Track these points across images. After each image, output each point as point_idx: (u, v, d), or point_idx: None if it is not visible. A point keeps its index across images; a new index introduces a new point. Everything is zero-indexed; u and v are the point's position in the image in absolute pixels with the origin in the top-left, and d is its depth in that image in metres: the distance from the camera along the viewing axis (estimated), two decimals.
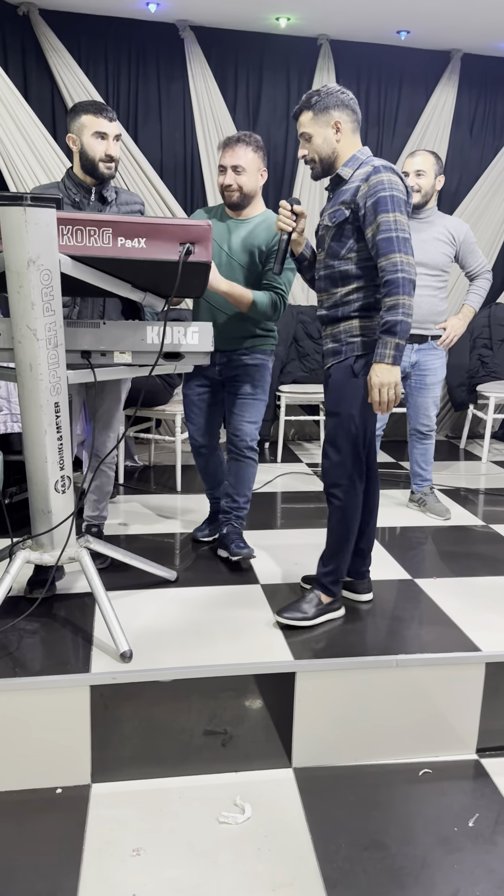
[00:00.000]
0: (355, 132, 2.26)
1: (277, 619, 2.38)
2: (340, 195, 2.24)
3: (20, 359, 2.01)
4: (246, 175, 2.70)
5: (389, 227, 2.11)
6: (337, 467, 2.33)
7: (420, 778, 2.18)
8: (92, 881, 1.77)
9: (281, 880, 1.80)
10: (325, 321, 2.35)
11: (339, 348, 2.30)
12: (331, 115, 2.20)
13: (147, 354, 2.27)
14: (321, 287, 2.34)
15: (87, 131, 2.55)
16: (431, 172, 3.27)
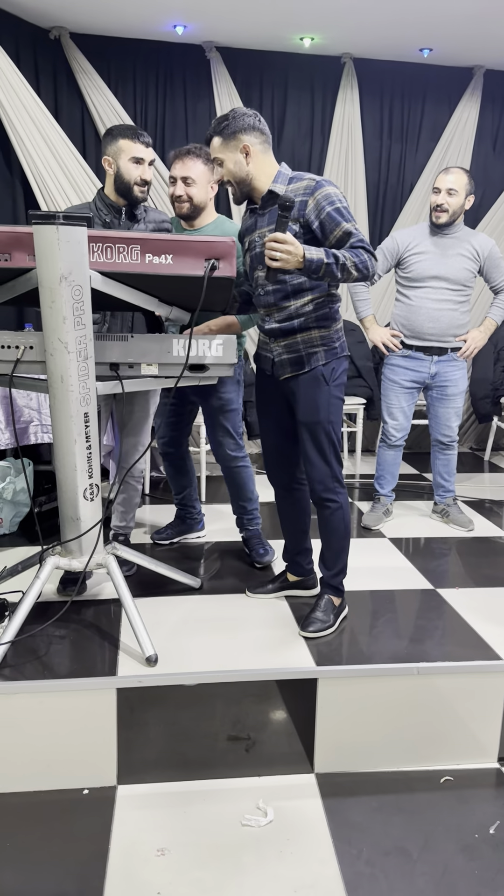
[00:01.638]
0: (266, 152, 2.28)
1: (303, 635, 2.42)
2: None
3: (52, 371, 2.09)
4: (196, 187, 2.75)
5: (353, 232, 2.19)
6: (325, 474, 2.41)
7: (441, 785, 2.20)
8: (118, 879, 1.82)
9: (302, 882, 1.83)
10: (276, 334, 2.37)
11: (301, 359, 2.35)
12: (239, 139, 2.23)
13: (173, 366, 2.33)
14: (269, 302, 2.34)
15: (125, 156, 2.62)
16: (463, 192, 3.30)
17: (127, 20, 4.33)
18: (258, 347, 2.52)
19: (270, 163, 2.29)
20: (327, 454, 2.39)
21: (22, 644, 2.30)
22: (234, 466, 3.02)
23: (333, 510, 2.44)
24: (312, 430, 2.38)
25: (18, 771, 2.12)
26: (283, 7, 4.10)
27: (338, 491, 2.43)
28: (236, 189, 2.29)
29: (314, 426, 2.37)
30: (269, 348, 2.42)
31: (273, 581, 2.74)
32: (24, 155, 4.25)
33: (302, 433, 2.40)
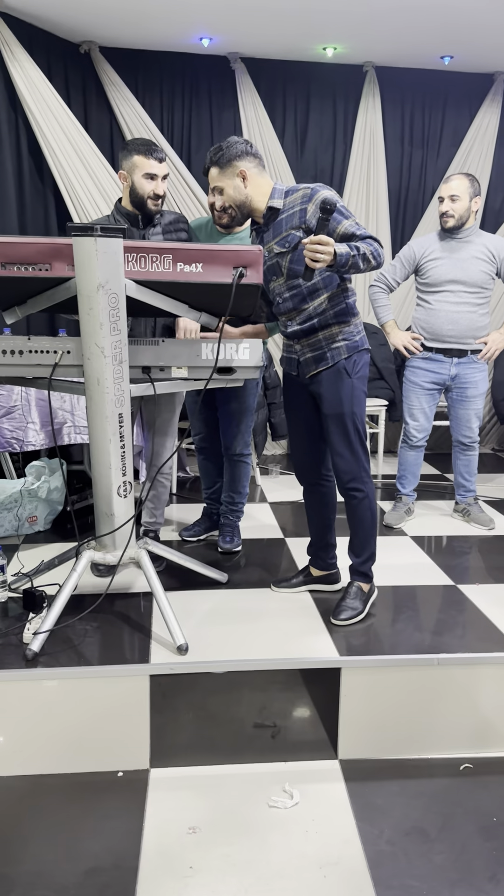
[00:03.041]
0: (261, 174, 2.42)
1: (335, 623, 2.53)
2: (283, 223, 2.39)
3: (88, 374, 2.21)
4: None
5: (356, 226, 2.35)
6: (353, 464, 2.53)
7: (461, 772, 2.28)
8: (152, 854, 1.93)
9: (327, 859, 1.92)
10: (298, 335, 2.50)
11: (324, 355, 2.47)
12: (234, 165, 2.37)
13: (202, 369, 2.44)
14: (288, 307, 2.47)
15: (138, 171, 2.73)
16: (466, 196, 3.39)
17: (154, 34, 4.46)
18: (284, 351, 2.64)
19: (266, 183, 2.43)
20: (354, 445, 2.51)
21: (59, 633, 2.42)
22: (239, 460, 3.24)
23: (360, 500, 2.56)
24: (339, 422, 2.49)
25: (56, 754, 2.23)
26: (307, 18, 4.20)
27: (365, 480, 2.55)
28: (237, 212, 2.44)
29: (340, 418, 2.49)
30: (294, 350, 2.54)
31: (297, 576, 2.84)
32: (56, 166, 4.40)
33: (329, 426, 2.51)
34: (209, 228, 3.06)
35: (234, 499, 3.29)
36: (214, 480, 3.40)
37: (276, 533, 3.57)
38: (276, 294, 2.48)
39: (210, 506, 3.45)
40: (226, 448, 3.21)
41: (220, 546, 3.27)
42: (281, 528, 3.64)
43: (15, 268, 2.10)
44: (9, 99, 4.22)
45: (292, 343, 2.55)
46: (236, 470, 3.24)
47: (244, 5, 4.03)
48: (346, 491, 2.57)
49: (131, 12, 4.13)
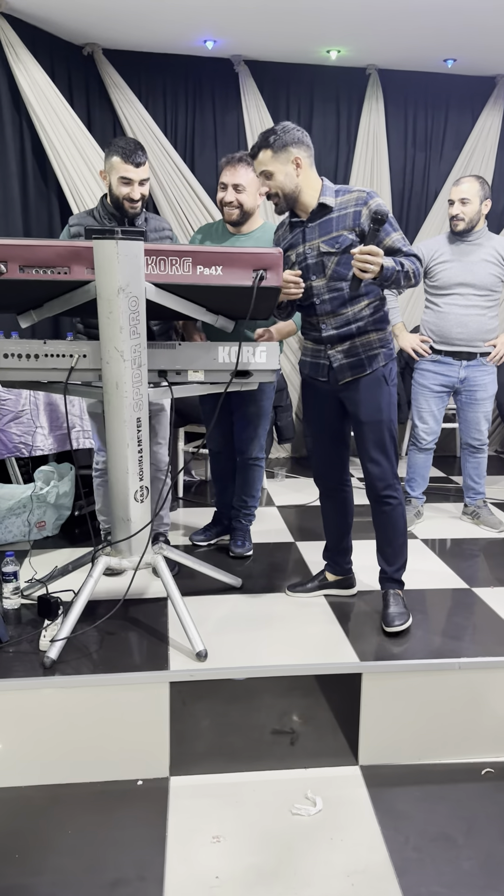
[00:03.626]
0: (312, 166, 2.38)
1: (392, 630, 2.49)
2: (334, 223, 2.35)
3: (107, 378, 2.19)
4: (246, 193, 2.85)
5: (403, 241, 2.37)
6: (388, 471, 2.51)
7: (483, 777, 2.26)
8: (177, 864, 1.90)
9: (354, 868, 1.90)
10: (333, 340, 2.45)
11: (361, 362, 2.44)
12: (290, 152, 2.31)
13: (218, 373, 2.42)
14: (326, 310, 2.42)
15: (115, 174, 2.67)
16: (476, 199, 3.38)
17: (158, 36, 4.44)
18: (306, 356, 2.59)
19: (315, 176, 2.39)
20: (389, 452, 2.50)
21: (75, 640, 2.39)
22: (253, 464, 3.21)
23: (395, 506, 2.54)
24: (376, 430, 2.47)
25: (74, 763, 2.21)
26: (310, 21, 4.20)
27: (397, 487, 2.53)
28: (282, 201, 2.37)
29: (378, 425, 2.47)
30: (324, 355, 2.49)
31: (312, 580, 2.83)
32: (60, 167, 4.38)
33: (365, 433, 2.48)
34: (219, 230, 3.03)
35: (246, 502, 3.27)
36: (227, 485, 3.37)
37: (286, 537, 3.55)
38: (315, 294, 2.42)
39: (221, 510, 3.42)
40: (241, 452, 3.19)
41: (232, 550, 3.24)
42: (290, 532, 3.62)
43: (33, 271, 2.07)
44: (13, 101, 4.19)
45: (322, 348, 2.49)
46: (250, 473, 3.22)
47: (248, 8, 4.02)
48: (381, 498, 2.53)
49: (134, 15, 4.11)
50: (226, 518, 3.41)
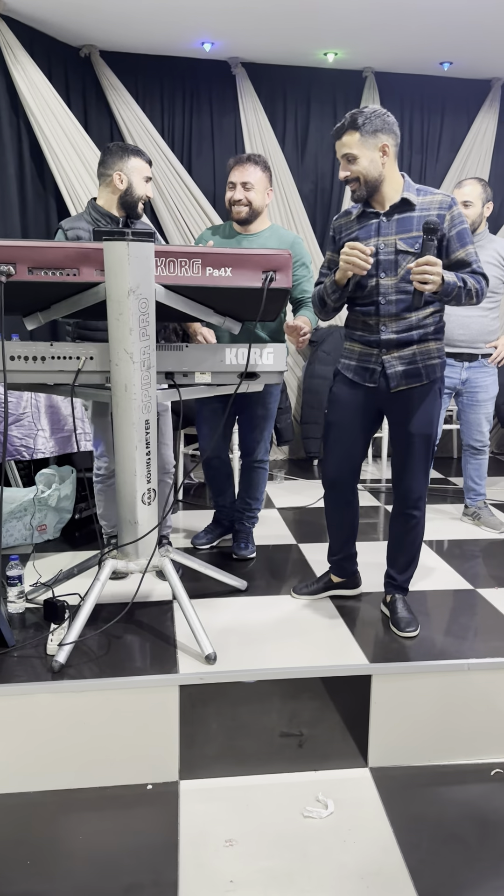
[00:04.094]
0: (395, 157, 2.30)
1: (407, 636, 2.47)
2: (415, 222, 2.27)
3: (116, 380, 2.18)
4: (254, 191, 2.87)
5: (475, 257, 2.32)
6: (423, 486, 2.47)
7: (492, 777, 2.27)
8: (191, 869, 1.89)
9: (368, 869, 1.90)
10: (392, 344, 2.36)
11: (418, 370, 2.37)
12: (378, 138, 2.21)
13: (225, 374, 2.41)
14: (389, 311, 2.33)
15: (138, 174, 2.75)
16: (479, 202, 3.40)
17: (155, 38, 4.44)
18: (349, 358, 2.47)
19: (397, 169, 2.31)
20: (429, 466, 2.46)
21: (82, 644, 2.37)
22: (258, 466, 3.21)
23: (419, 520, 2.51)
24: (423, 443, 2.40)
25: (84, 767, 2.19)
26: (307, 24, 4.20)
27: (424, 497, 2.50)
28: (362, 188, 2.27)
29: (426, 439, 2.40)
30: (376, 360, 2.39)
31: (317, 582, 2.82)
32: (58, 168, 4.36)
33: (410, 446, 2.40)
34: (227, 229, 3.03)
35: (250, 505, 3.26)
36: (225, 488, 3.35)
37: (287, 539, 3.55)
38: (381, 293, 2.30)
39: (221, 512, 3.41)
40: (246, 454, 3.18)
41: (235, 552, 3.23)
42: (292, 534, 3.62)
43: (42, 272, 2.06)
44: (10, 102, 4.17)
45: (375, 351, 2.38)
46: (255, 476, 3.21)
47: (245, 10, 4.02)
48: (409, 510, 2.48)
49: (132, 17, 4.10)
50: (226, 519, 3.40)
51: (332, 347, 5.01)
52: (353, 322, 2.45)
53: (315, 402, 4.94)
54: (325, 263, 2.50)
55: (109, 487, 3.04)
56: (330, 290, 2.35)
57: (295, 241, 3.00)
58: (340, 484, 2.60)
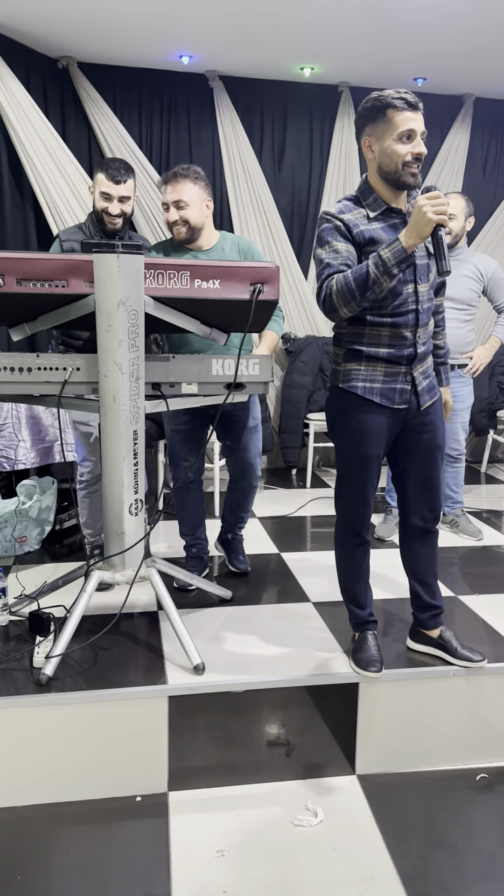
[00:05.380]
0: None
1: (480, 664, 2.32)
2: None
3: (104, 391, 2.18)
4: (190, 209, 2.67)
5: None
6: (440, 500, 2.35)
7: (478, 782, 2.30)
8: (183, 880, 1.89)
9: (360, 877, 1.91)
10: (422, 358, 2.20)
11: (433, 383, 2.27)
12: None
13: (212, 385, 2.43)
14: (424, 321, 2.16)
15: (97, 189, 2.78)
16: (462, 215, 3.46)
17: (133, 50, 4.46)
18: (372, 381, 2.17)
19: None
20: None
21: (70, 657, 2.36)
22: (255, 486, 3.06)
23: (437, 535, 2.37)
24: (440, 455, 2.29)
25: (72, 780, 2.18)
26: (284, 39, 4.26)
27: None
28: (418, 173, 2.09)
29: (442, 450, 2.29)
30: (404, 377, 2.18)
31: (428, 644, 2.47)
32: (37, 179, 4.35)
33: (435, 459, 2.28)
34: (176, 247, 2.80)
35: (242, 518, 3.16)
36: (203, 517, 3.12)
37: (269, 548, 3.56)
38: (418, 301, 2.13)
39: (199, 546, 3.13)
40: (245, 473, 3.00)
41: (236, 566, 3.14)
42: (273, 542, 3.64)
43: (31, 284, 2.06)
44: None
45: (403, 369, 2.17)
46: (249, 494, 3.08)
47: (223, 25, 4.06)
48: (429, 530, 2.34)
49: (110, 29, 4.12)
50: (203, 551, 3.14)
51: (309, 357, 5.05)
52: (375, 337, 2.14)
53: (293, 411, 4.97)
54: (335, 253, 2.08)
55: (94, 493, 3.04)
56: (392, 261, 1.97)
57: (251, 246, 2.85)
58: (365, 527, 2.32)
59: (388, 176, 2.07)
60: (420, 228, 1.94)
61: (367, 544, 2.35)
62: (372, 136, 2.06)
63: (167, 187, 2.69)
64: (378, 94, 2.04)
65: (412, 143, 2.03)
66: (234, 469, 3.02)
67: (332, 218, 2.10)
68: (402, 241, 1.96)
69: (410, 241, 1.96)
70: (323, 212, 2.13)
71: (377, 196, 2.12)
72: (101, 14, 3.92)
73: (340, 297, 2.03)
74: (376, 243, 2.08)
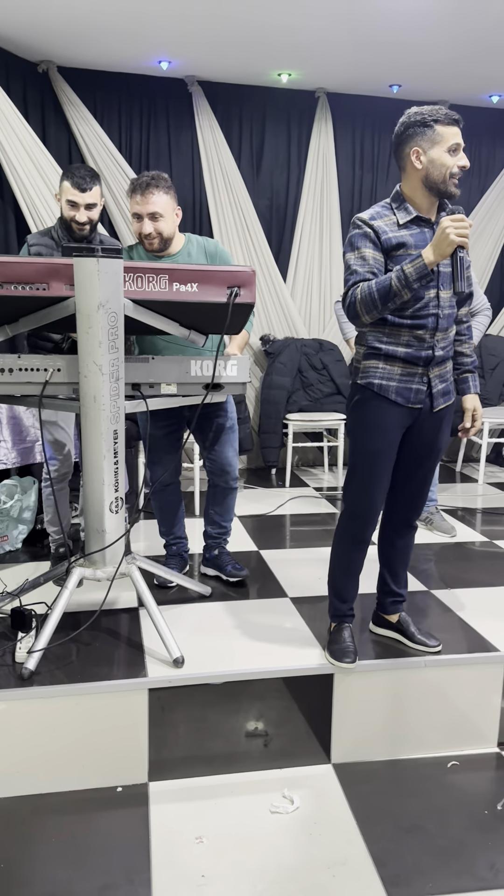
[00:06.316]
0: None
1: (435, 650, 2.46)
2: None
3: (85, 391, 2.23)
4: (164, 220, 2.64)
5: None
6: (426, 496, 2.48)
7: (449, 770, 2.38)
8: (163, 865, 1.95)
9: (334, 860, 1.98)
10: (439, 361, 2.28)
11: (449, 388, 2.34)
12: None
13: (191, 385, 2.49)
14: (443, 326, 2.24)
15: (64, 196, 2.81)
16: None
17: (113, 56, 4.51)
18: (389, 379, 2.25)
19: None
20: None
21: (52, 652, 2.41)
22: (235, 486, 3.09)
23: (416, 529, 2.53)
24: (439, 457, 2.41)
25: (54, 772, 2.23)
26: (262, 45, 4.33)
27: None
28: (456, 183, 2.18)
29: (441, 452, 2.41)
30: (421, 379, 2.26)
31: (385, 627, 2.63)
32: (17, 183, 4.39)
33: (434, 461, 2.40)
34: (143, 254, 2.80)
35: (227, 528, 3.15)
36: (181, 515, 3.16)
37: (249, 545, 3.63)
38: (441, 306, 2.21)
39: (179, 544, 3.20)
40: (224, 472, 3.02)
41: (235, 574, 3.06)
42: (253, 541, 3.70)
43: (12, 287, 2.11)
44: None
45: (420, 370, 2.26)
46: (230, 498, 3.09)
47: (202, 32, 4.12)
48: (413, 523, 2.49)
49: (90, 34, 4.17)
50: (183, 549, 3.21)
51: (288, 358, 5.13)
52: (395, 336, 2.23)
53: (273, 412, 5.04)
54: (362, 260, 2.18)
55: (60, 492, 3.06)
56: (414, 276, 2.07)
57: (216, 247, 2.83)
58: (373, 523, 2.38)
59: (433, 185, 2.16)
60: (442, 248, 2.06)
61: (365, 544, 2.41)
62: (418, 147, 2.15)
63: (139, 197, 2.63)
64: (426, 109, 2.15)
65: (459, 156, 2.15)
66: (211, 469, 3.05)
67: (363, 224, 2.20)
68: (424, 258, 2.08)
69: (432, 258, 2.08)
70: (355, 217, 2.22)
71: (409, 204, 2.21)
72: (80, 19, 3.97)
73: (363, 305, 2.14)
74: (404, 247, 2.18)
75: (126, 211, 4.87)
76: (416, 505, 2.45)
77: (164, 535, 3.18)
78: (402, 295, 2.10)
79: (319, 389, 5.20)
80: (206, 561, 3.19)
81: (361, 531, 2.37)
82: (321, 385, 5.20)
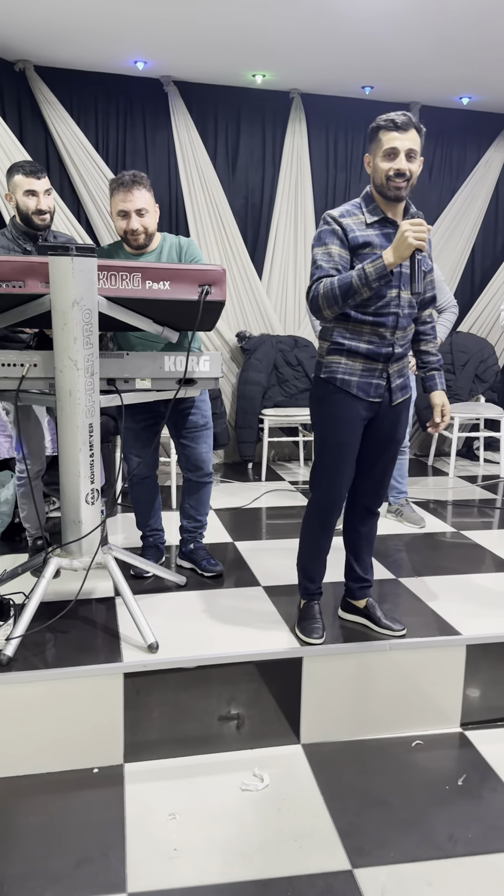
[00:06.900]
0: None
1: (400, 633, 2.55)
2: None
3: (61, 385, 2.30)
4: (149, 216, 2.76)
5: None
6: (388, 485, 2.60)
7: (413, 749, 2.48)
8: (137, 840, 2.03)
9: (301, 833, 2.07)
10: (398, 358, 2.39)
11: (406, 382, 2.47)
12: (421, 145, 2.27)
13: (164, 380, 2.57)
14: (403, 324, 2.34)
15: (20, 190, 2.84)
16: None
17: (90, 55, 4.56)
18: (350, 374, 2.36)
19: None
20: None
21: (28, 639, 2.48)
22: (209, 481, 3.15)
23: (378, 516, 2.65)
24: (398, 449, 2.53)
25: (32, 755, 2.30)
26: (237, 47, 4.41)
27: None
28: (406, 189, 2.25)
29: (400, 444, 2.52)
30: (380, 374, 2.37)
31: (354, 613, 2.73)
32: None
33: (391, 452, 2.51)
34: (119, 253, 2.88)
35: (202, 522, 3.23)
36: (157, 507, 3.24)
37: (224, 537, 3.71)
38: (399, 306, 2.31)
39: (156, 536, 3.28)
40: (197, 467, 3.09)
41: (210, 570, 3.13)
42: (228, 532, 3.79)
43: None
44: None
45: (380, 366, 2.36)
46: (204, 492, 3.16)
47: (177, 33, 4.19)
48: (375, 510, 2.60)
49: (67, 34, 4.22)
50: (160, 541, 3.29)
51: (263, 355, 5.21)
52: (356, 333, 2.33)
53: (249, 407, 5.13)
54: (328, 256, 2.27)
55: (36, 489, 3.11)
56: (373, 276, 2.16)
57: (189, 244, 2.91)
58: (339, 510, 2.52)
59: (378, 189, 2.28)
60: (401, 251, 2.16)
61: (331, 528, 2.54)
62: (369, 154, 2.29)
63: (124, 195, 2.71)
64: (381, 117, 2.24)
65: (394, 161, 2.22)
66: (185, 465, 3.11)
67: (332, 221, 2.30)
68: (384, 258, 2.18)
69: (391, 259, 2.17)
70: (326, 213, 2.32)
71: (376, 205, 2.32)
72: (57, 19, 4.03)
73: (325, 300, 2.24)
74: (369, 246, 2.28)
75: (103, 209, 4.93)
76: (378, 493, 2.56)
77: (141, 527, 3.26)
78: (362, 293, 2.19)
79: (294, 385, 5.29)
80: (183, 554, 3.27)
81: (327, 517, 2.50)
82: (296, 381, 5.29)
